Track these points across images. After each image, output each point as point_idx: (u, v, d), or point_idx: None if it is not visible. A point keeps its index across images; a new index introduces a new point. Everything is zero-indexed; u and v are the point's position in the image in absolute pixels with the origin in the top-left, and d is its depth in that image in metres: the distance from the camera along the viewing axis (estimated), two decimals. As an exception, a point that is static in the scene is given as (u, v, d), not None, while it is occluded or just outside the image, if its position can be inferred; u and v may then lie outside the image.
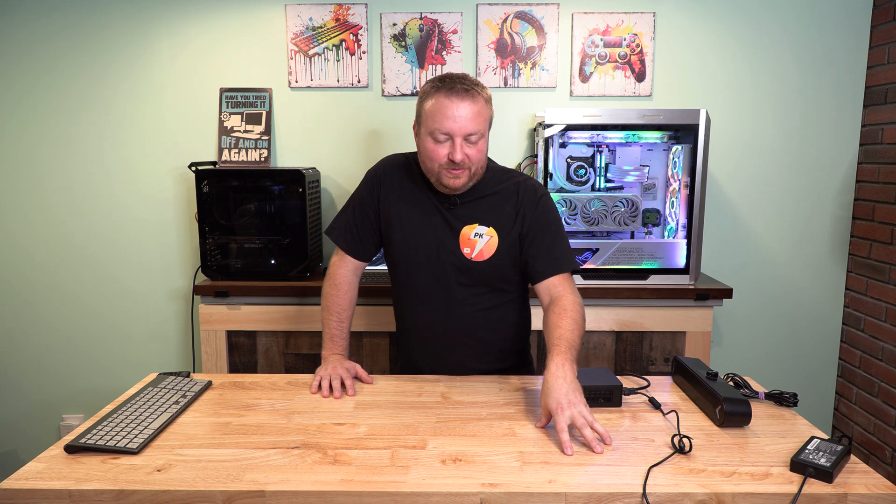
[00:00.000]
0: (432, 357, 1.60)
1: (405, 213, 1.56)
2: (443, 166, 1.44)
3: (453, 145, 1.42)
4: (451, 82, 1.43)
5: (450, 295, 1.55)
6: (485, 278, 1.54)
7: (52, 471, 1.09)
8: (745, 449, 1.18)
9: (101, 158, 2.47)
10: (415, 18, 2.38)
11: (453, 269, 1.53)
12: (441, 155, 1.43)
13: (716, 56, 2.39)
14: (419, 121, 1.49)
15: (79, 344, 2.59)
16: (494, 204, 1.53)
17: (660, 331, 2.17)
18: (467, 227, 1.52)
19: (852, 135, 2.42)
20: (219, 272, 2.21)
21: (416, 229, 1.54)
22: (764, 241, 2.50)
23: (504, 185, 1.56)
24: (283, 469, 1.10)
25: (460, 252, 1.52)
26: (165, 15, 2.39)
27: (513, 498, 1.04)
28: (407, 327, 1.64)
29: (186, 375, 1.50)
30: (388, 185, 1.58)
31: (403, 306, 1.64)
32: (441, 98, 1.41)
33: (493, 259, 1.52)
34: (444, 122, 1.41)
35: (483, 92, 1.45)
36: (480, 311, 1.56)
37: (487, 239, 1.52)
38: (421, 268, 1.55)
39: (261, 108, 2.42)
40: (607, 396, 1.37)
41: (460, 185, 1.48)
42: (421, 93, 1.49)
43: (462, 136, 1.42)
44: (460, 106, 1.40)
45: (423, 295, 1.57)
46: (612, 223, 2.16)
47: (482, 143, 1.47)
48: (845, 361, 2.52)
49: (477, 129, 1.43)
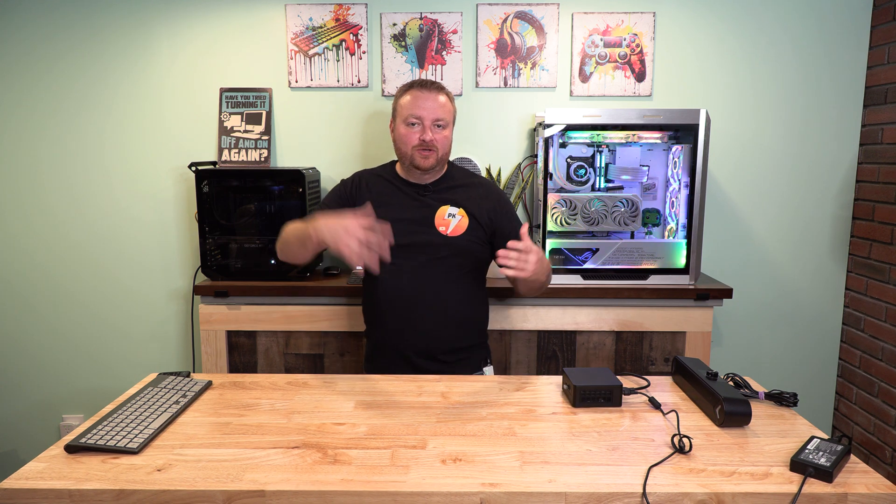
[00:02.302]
0: (407, 330, 1.72)
1: (380, 204, 1.73)
2: (415, 147, 1.70)
3: (423, 128, 1.69)
4: (420, 81, 1.75)
5: (427, 270, 1.71)
6: (458, 252, 1.73)
7: (52, 471, 1.09)
8: (745, 449, 1.18)
9: (101, 158, 2.47)
10: (415, 18, 2.38)
11: (431, 246, 1.72)
12: (414, 137, 1.70)
13: (716, 56, 2.39)
14: (395, 115, 1.77)
15: (79, 344, 2.59)
16: (463, 193, 1.78)
17: (660, 331, 2.17)
18: (441, 208, 1.74)
19: (852, 135, 2.42)
20: (219, 272, 2.21)
21: (396, 216, 1.70)
22: (764, 241, 2.50)
23: (471, 181, 1.83)
24: (283, 469, 1.10)
25: (436, 229, 1.73)
26: (165, 15, 2.39)
27: (513, 498, 1.04)
28: (383, 307, 1.74)
29: (186, 375, 1.50)
30: (365, 186, 1.80)
31: (380, 289, 1.74)
32: (414, 91, 1.73)
33: (464, 236, 1.73)
34: (416, 109, 1.70)
35: (447, 91, 1.76)
36: (452, 282, 1.74)
37: (459, 219, 1.74)
38: (400, 249, 1.68)
39: (261, 108, 2.42)
40: (607, 396, 1.37)
41: (430, 165, 1.72)
42: (396, 94, 1.78)
43: (431, 120, 1.70)
44: (429, 97, 1.71)
45: (401, 273, 1.71)
46: (612, 223, 2.16)
47: (448, 132, 1.74)
48: (845, 361, 2.52)
49: (443, 117, 1.71)
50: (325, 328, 2.17)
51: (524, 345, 2.19)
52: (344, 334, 2.19)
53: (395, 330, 1.73)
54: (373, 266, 1.39)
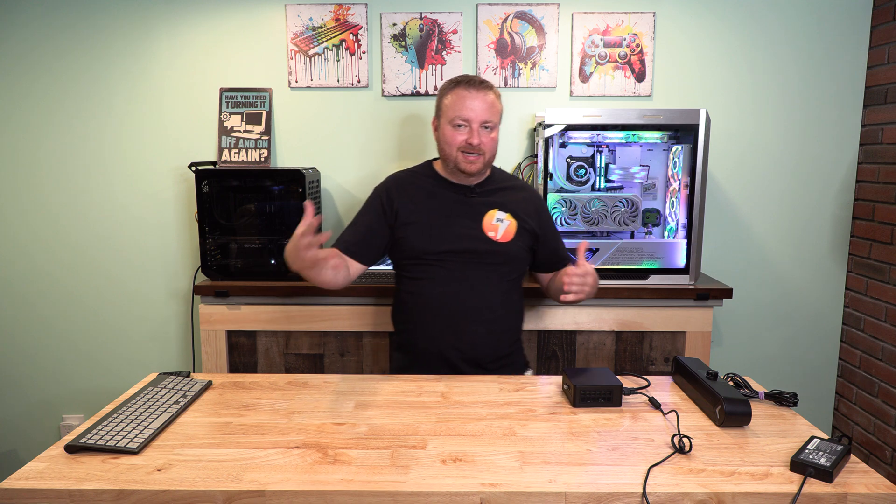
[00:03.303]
0: (453, 338, 1.65)
1: (426, 210, 1.68)
2: (461, 149, 1.62)
3: (471, 130, 1.61)
4: (467, 79, 1.65)
5: (475, 276, 1.66)
6: (507, 257, 1.68)
7: (52, 471, 1.09)
8: (745, 449, 1.18)
9: (101, 158, 2.47)
10: (415, 18, 2.38)
11: (480, 252, 1.66)
12: (460, 140, 1.62)
13: (716, 56, 2.39)
14: (439, 114, 1.68)
15: (79, 344, 2.59)
16: (508, 195, 1.72)
17: (660, 331, 2.17)
18: (489, 212, 1.68)
19: (852, 135, 2.42)
20: (219, 272, 2.21)
21: (441, 222, 1.67)
22: (764, 240, 2.50)
23: (513, 183, 1.78)
24: (283, 469, 1.10)
25: (485, 235, 1.66)
26: (165, 15, 2.39)
27: (513, 498, 1.04)
28: (428, 313, 1.67)
29: (186, 375, 1.51)
30: (402, 192, 1.71)
31: (426, 294, 1.67)
32: (460, 91, 1.63)
33: (513, 242, 1.68)
34: (463, 111, 1.61)
35: (495, 89, 1.67)
36: (499, 289, 1.68)
37: (507, 223, 1.68)
38: (449, 254, 1.65)
39: (261, 108, 2.43)
40: (607, 396, 1.37)
41: (476, 170, 1.65)
42: (440, 90, 1.69)
43: (479, 122, 1.61)
44: (477, 97, 1.61)
45: (450, 280, 1.65)
46: (612, 223, 2.16)
47: (495, 134, 1.66)
48: (845, 361, 2.52)
49: (491, 119, 1.63)
50: (325, 328, 2.17)
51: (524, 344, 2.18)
52: (344, 334, 2.19)
53: (440, 337, 1.66)
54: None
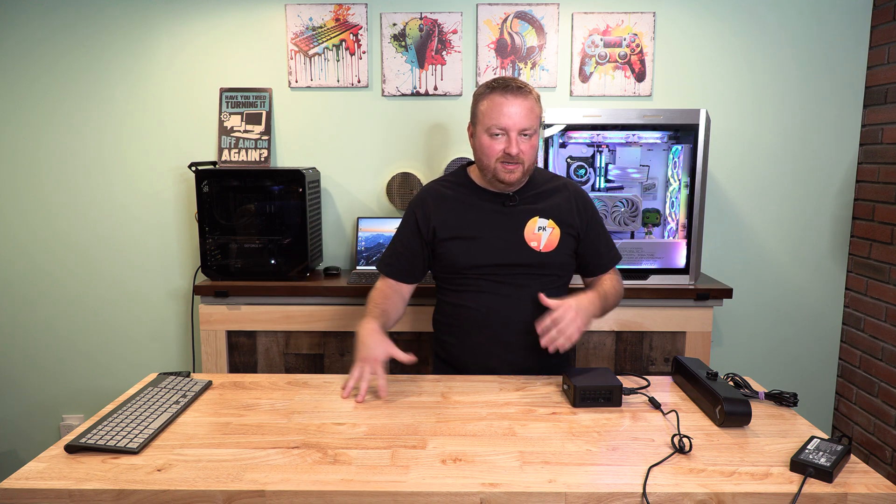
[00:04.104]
0: (498, 351, 1.60)
1: (465, 224, 1.61)
2: (499, 160, 1.53)
3: (509, 140, 1.51)
4: (504, 82, 1.53)
5: (521, 289, 1.59)
6: (552, 268, 1.61)
7: (52, 471, 1.09)
8: (745, 449, 1.18)
9: (101, 158, 2.47)
10: (415, 18, 2.38)
11: (523, 263, 1.59)
12: (497, 150, 1.53)
13: (716, 56, 2.39)
14: (475, 121, 1.59)
15: (79, 344, 2.59)
16: (549, 199, 1.63)
17: (660, 331, 2.17)
18: (531, 221, 1.60)
19: (852, 135, 2.42)
20: (219, 272, 2.21)
21: (479, 234, 1.60)
22: (764, 240, 2.50)
23: (553, 184, 1.66)
24: (283, 469, 1.10)
25: (527, 246, 1.59)
26: (165, 15, 2.39)
27: (513, 498, 1.04)
28: (472, 328, 1.62)
29: (186, 375, 1.50)
30: (438, 206, 1.63)
31: (470, 309, 1.62)
32: (496, 97, 1.52)
33: (557, 250, 1.60)
34: (500, 119, 1.51)
35: (533, 91, 1.55)
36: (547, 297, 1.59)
37: (550, 231, 1.60)
38: (492, 269, 1.59)
39: (261, 108, 2.43)
40: (607, 396, 1.37)
41: (515, 180, 1.56)
42: (475, 95, 1.59)
43: (517, 130, 1.51)
44: (514, 103, 1.50)
45: (495, 294, 1.59)
46: (612, 223, 2.16)
47: (535, 140, 1.56)
48: (845, 361, 2.52)
49: (530, 125, 1.53)
50: (325, 328, 2.17)
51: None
52: (344, 334, 2.19)
53: (485, 351, 1.61)
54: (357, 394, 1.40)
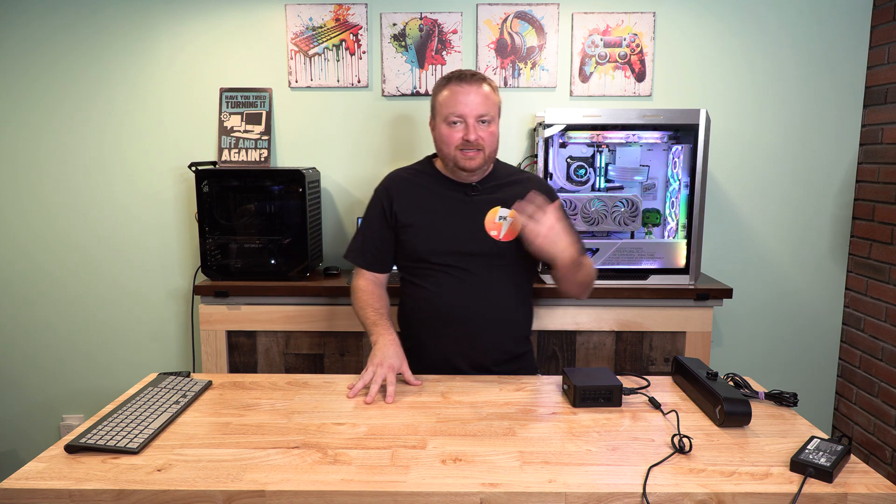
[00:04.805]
0: (459, 343, 1.62)
1: (426, 211, 1.64)
2: (458, 148, 1.57)
3: (467, 127, 1.55)
4: (459, 73, 1.59)
5: (481, 279, 1.61)
6: (511, 257, 1.63)
7: (52, 471, 1.09)
8: (745, 449, 1.18)
9: (101, 158, 2.47)
10: (415, 18, 2.38)
11: (483, 254, 1.61)
12: (456, 138, 1.56)
13: (716, 56, 2.39)
14: (434, 113, 1.62)
15: (79, 344, 2.59)
16: (511, 191, 1.65)
17: (660, 331, 2.17)
18: (491, 210, 1.62)
19: (852, 135, 2.42)
20: (219, 272, 2.21)
21: (442, 223, 1.63)
22: (764, 240, 2.50)
23: (517, 177, 1.71)
24: (283, 469, 1.10)
25: (487, 235, 1.61)
26: (165, 15, 2.39)
27: (513, 498, 1.04)
28: (432, 319, 1.63)
29: (186, 375, 1.50)
30: (401, 192, 1.67)
31: (430, 300, 1.63)
32: (453, 86, 1.57)
33: (518, 239, 1.60)
34: (457, 107, 1.55)
35: (490, 80, 1.60)
36: (506, 289, 1.64)
37: (511, 221, 1.62)
38: (451, 257, 1.61)
39: (261, 108, 2.42)
40: (607, 396, 1.37)
41: (476, 167, 1.59)
42: (434, 89, 1.63)
43: (474, 117, 1.55)
44: (470, 91, 1.55)
45: (454, 283, 1.62)
46: (612, 223, 2.16)
47: (494, 127, 1.59)
48: (845, 361, 2.52)
49: (487, 111, 1.56)
50: (325, 328, 2.17)
51: (524, 345, 2.19)
52: (344, 334, 2.19)
53: (446, 343, 1.62)
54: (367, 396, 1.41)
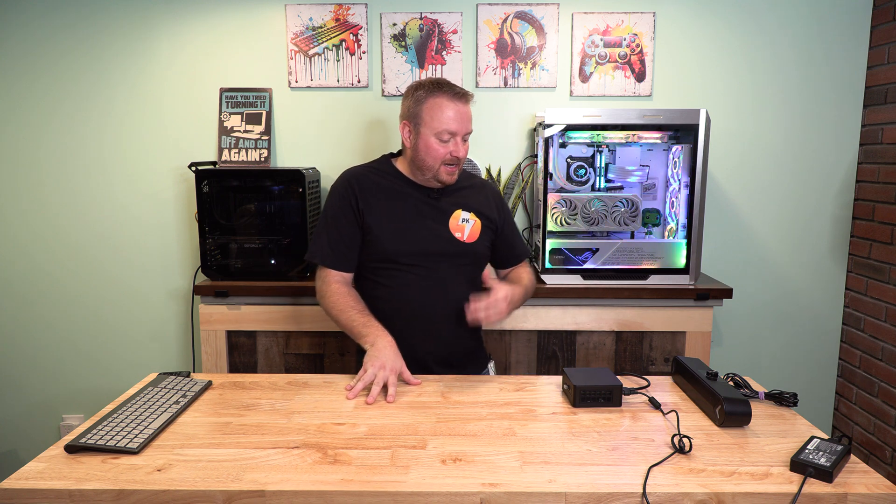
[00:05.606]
0: (424, 339, 1.66)
1: (392, 210, 1.67)
2: (444, 162, 1.62)
3: (456, 143, 1.60)
4: (449, 86, 1.61)
5: (445, 278, 1.67)
6: (472, 257, 1.70)
7: (52, 471, 1.09)
8: (745, 449, 1.18)
9: (101, 158, 2.47)
10: (415, 18, 2.38)
11: (447, 253, 1.66)
12: (444, 153, 1.61)
13: (716, 56, 2.39)
14: (417, 121, 1.62)
15: (79, 344, 2.59)
16: (470, 194, 1.74)
17: (660, 331, 2.17)
18: (455, 213, 1.69)
19: (852, 135, 2.42)
20: (219, 272, 2.21)
21: (407, 222, 1.66)
22: (764, 240, 2.50)
23: (472, 181, 1.79)
24: (283, 469, 1.10)
25: (452, 236, 1.67)
26: (165, 15, 2.39)
27: (513, 498, 1.04)
28: (399, 316, 1.66)
29: (186, 375, 1.50)
30: (365, 190, 1.68)
31: (397, 298, 1.67)
32: (445, 101, 1.59)
33: (479, 241, 1.70)
34: (451, 124, 1.59)
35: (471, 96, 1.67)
36: (465, 287, 1.68)
37: (472, 223, 1.70)
38: (419, 257, 1.65)
39: (261, 108, 2.42)
40: (607, 396, 1.37)
41: (454, 181, 1.67)
42: (415, 96, 1.62)
43: (463, 134, 1.62)
44: (463, 109, 1.61)
45: (421, 282, 1.66)
46: (612, 223, 2.16)
47: (468, 142, 1.68)
48: (845, 361, 2.52)
49: (471, 129, 1.65)
50: (325, 328, 2.17)
51: (524, 345, 2.19)
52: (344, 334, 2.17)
53: (411, 339, 1.63)
54: (368, 395, 1.43)
